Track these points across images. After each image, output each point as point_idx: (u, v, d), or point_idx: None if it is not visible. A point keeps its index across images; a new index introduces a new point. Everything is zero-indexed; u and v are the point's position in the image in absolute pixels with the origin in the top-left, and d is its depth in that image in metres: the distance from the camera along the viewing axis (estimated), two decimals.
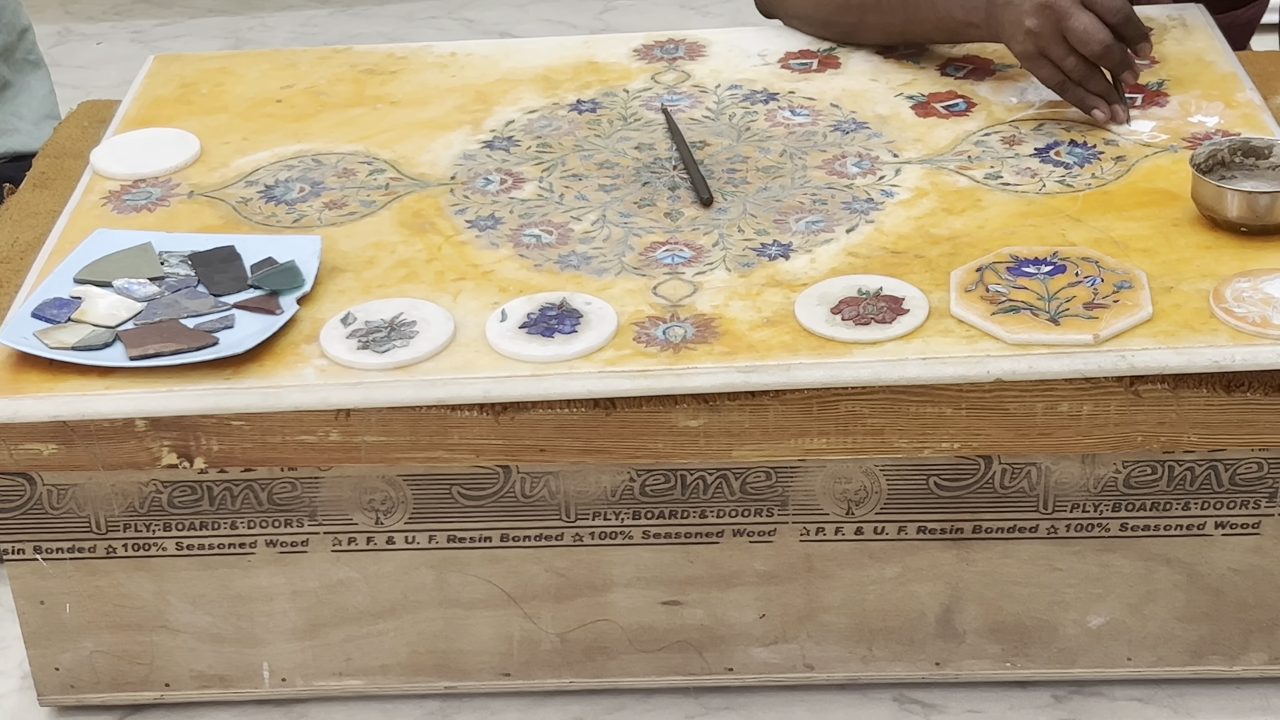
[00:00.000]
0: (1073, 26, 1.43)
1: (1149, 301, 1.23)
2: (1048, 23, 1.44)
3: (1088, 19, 1.43)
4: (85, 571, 1.29)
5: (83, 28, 3.72)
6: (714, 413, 1.21)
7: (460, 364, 1.23)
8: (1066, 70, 1.45)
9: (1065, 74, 1.45)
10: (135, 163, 1.49)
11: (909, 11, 1.56)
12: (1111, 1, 1.43)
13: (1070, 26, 1.43)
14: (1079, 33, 1.43)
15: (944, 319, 1.24)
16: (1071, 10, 1.43)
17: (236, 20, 3.70)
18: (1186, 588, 1.28)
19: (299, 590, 1.30)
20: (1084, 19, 1.43)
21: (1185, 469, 1.24)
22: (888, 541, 1.27)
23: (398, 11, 3.71)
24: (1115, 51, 1.44)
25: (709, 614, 1.30)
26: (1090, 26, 1.43)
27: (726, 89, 1.58)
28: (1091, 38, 1.43)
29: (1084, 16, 1.43)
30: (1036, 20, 1.44)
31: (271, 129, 1.55)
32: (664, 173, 1.45)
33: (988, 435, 1.22)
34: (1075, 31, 1.43)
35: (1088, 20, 1.43)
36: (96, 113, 1.65)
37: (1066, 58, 1.44)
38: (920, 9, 1.55)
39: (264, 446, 1.23)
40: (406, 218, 1.41)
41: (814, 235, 1.35)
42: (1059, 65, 1.45)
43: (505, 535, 1.28)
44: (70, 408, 1.22)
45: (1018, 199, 1.38)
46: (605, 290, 1.29)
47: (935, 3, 1.53)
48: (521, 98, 1.58)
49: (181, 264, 1.34)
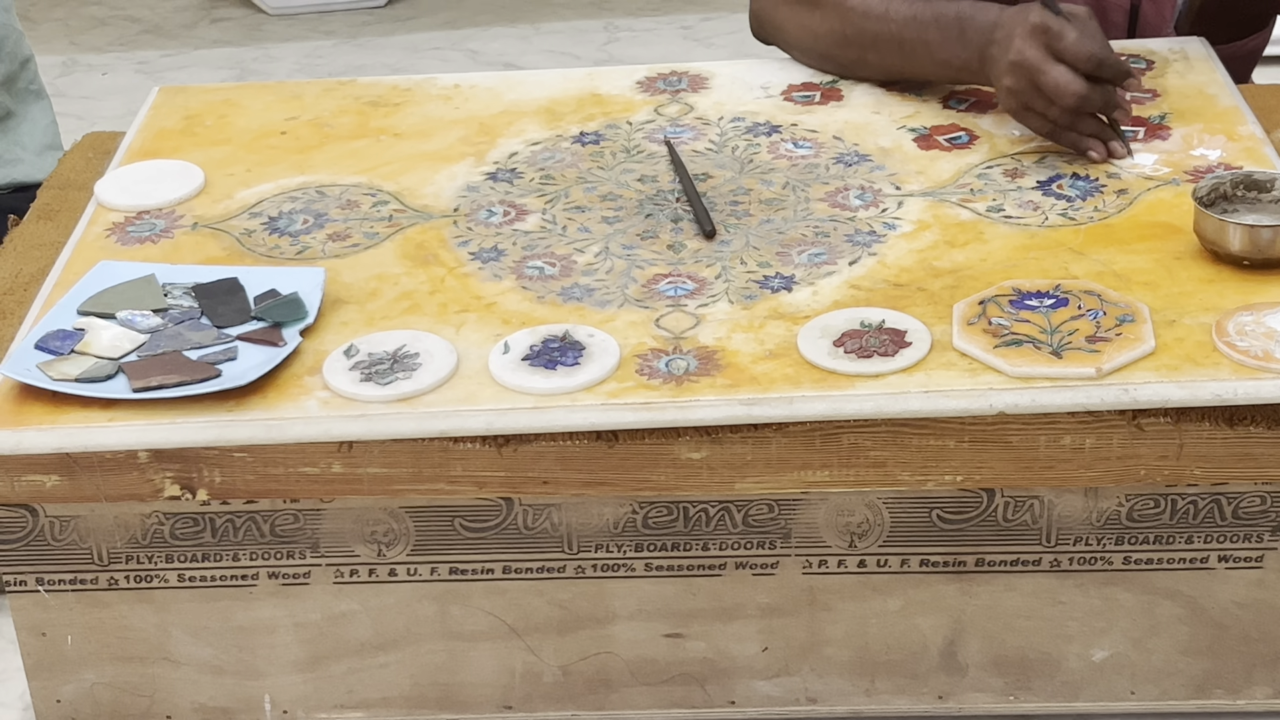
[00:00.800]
0: (1045, 83, 1.43)
1: (1151, 335, 1.23)
2: (1023, 80, 1.44)
3: (1059, 72, 1.42)
4: (87, 603, 1.29)
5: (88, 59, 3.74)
6: (716, 445, 1.21)
7: (463, 396, 1.23)
8: (1053, 119, 1.45)
9: (1053, 123, 1.45)
10: (139, 194, 1.50)
11: (906, 55, 1.56)
12: (1081, 49, 1.43)
13: (1043, 83, 1.43)
14: (1052, 89, 1.43)
15: (946, 352, 1.24)
16: (1043, 65, 1.43)
17: (241, 51, 3.72)
18: (1190, 621, 1.28)
19: (301, 622, 1.30)
20: (1055, 73, 1.42)
21: (1188, 502, 1.24)
22: (890, 574, 1.27)
23: (402, 43, 3.73)
24: (1095, 97, 1.44)
25: (711, 646, 1.30)
26: (1062, 80, 1.42)
27: (729, 121, 1.58)
28: (1065, 91, 1.42)
29: (1056, 70, 1.42)
30: (1011, 79, 1.45)
31: (275, 161, 1.55)
32: (667, 205, 1.46)
33: (990, 468, 1.22)
34: (1048, 87, 1.43)
35: (1059, 74, 1.42)
36: (101, 144, 1.66)
37: (1049, 109, 1.45)
38: (916, 53, 1.55)
39: (266, 478, 1.23)
40: (410, 249, 1.41)
41: (816, 268, 1.35)
42: (1044, 115, 1.45)
43: (507, 567, 1.28)
44: (73, 439, 1.22)
45: (1020, 232, 1.38)
46: (608, 322, 1.29)
47: (931, 48, 1.54)
48: (525, 130, 1.59)
49: (185, 296, 1.34)
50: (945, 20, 1.53)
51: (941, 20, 1.53)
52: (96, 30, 3.88)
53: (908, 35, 1.55)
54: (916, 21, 1.54)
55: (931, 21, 1.53)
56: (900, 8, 1.55)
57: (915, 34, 1.54)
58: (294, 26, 3.84)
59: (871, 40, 1.57)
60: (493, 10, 3.87)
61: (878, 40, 1.57)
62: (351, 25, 3.83)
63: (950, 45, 1.52)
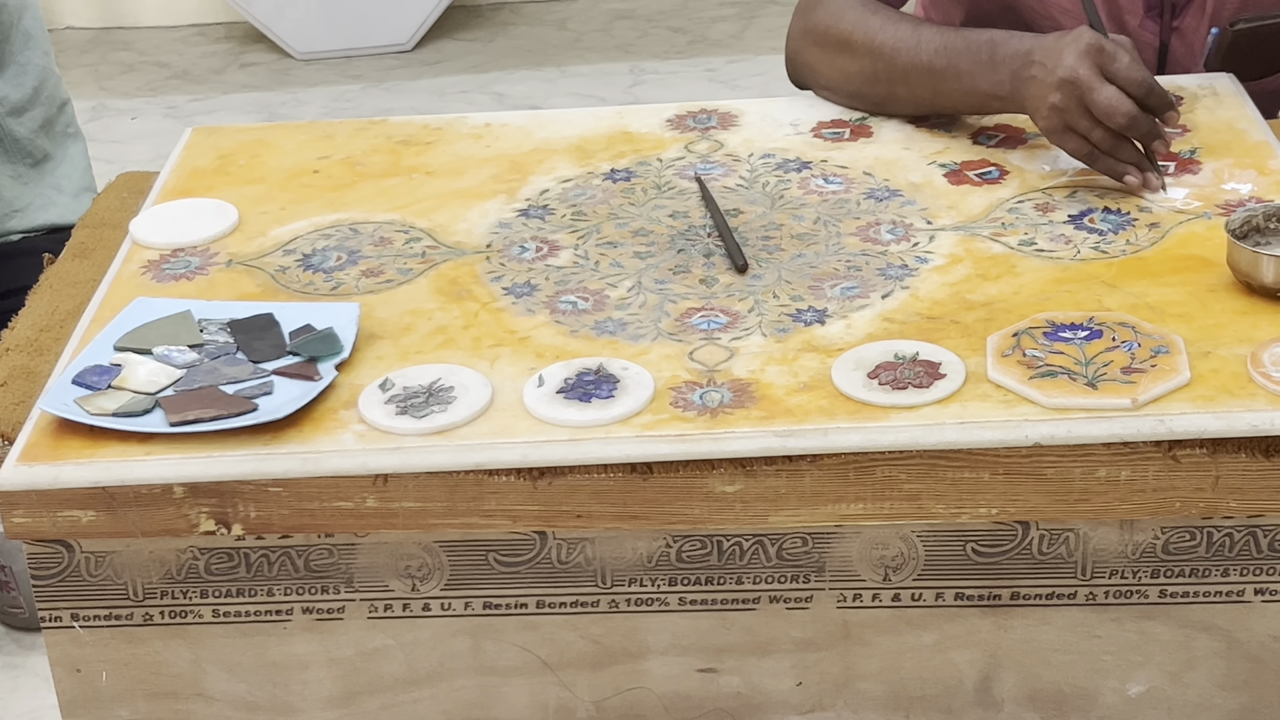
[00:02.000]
0: (1097, 101, 1.44)
1: (1187, 366, 1.23)
2: (1071, 98, 1.45)
3: (1111, 92, 1.43)
4: (122, 639, 1.29)
5: (117, 103, 3.77)
6: (751, 478, 1.21)
7: (498, 429, 1.23)
8: (1095, 142, 1.46)
9: (1094, 145, 1.46)
10: (174, 232, 1.51)
11: (936, 84, 1.57)
12: (1133, 74, 1.44)
13: (1094, 100, 1.44)
14: (1103, 106, 1.43)
15: (981, 384, 1.24)
16: (1094, 84, 1.44)
17: (269, 95, 3.74)
18: (1226, 655, 1.27)
19: (335, 658, 1.30)
20: (1108, 92, 1.43)
21: (1224, 535, 1.23)
22: (925, 608, 1.27)
23: (429, 87, 3.75)
24: (1142, 122, 1.45)
25: (745, 681, 1.30)
26: (1114, 99, 1.43)
27: (759, 158, 1.59)
28: (1116, 110, 1.43)
29: (1107, 90, 1.43)
30: (1060, 96, 1.45)
31: (309, 199, 1.56)
32: (698, 240, 1.46)
33: (1025, 500, 1.22)
34: (1099, 105, 1.44)
35: (1111, 94, 1.43)
36: (135, 184, 1.67)
37: (1093, 130, 1.45)
38: (946, 81, 1.56)
39: (301, 513, 1.23)
40: (443, 285, 1.42)
41: (849, 301, 1.35)
42: (1086, 137, 1.46)
43: (541, 602, 1.27)
44: (110, 474, 1.22)
45: (1052, 265, 1.38)
46: (642, 355, 1.30)
47: (961, 76, 1.55)
48: (556, 167, 1.60)
49: (220, 331, 1.35)
50: (976, 46, 1.54)
51: (973, 46, 1.54)
52: (125, 75, 3.91)
53: (939, 64, 1.55)
54: (948, 50, 1.55)
55: (963, 49, 1.54)
56: (932, 37, 1.56)
57: (946, 62, 1.55)
58: (321, 71, 3.87)
59: (902, 74, 1.58)
60: (518, 54, 3.89)
61: (909, 72, 1.58)
62: (378, 69, 3.85)
63: (981, 71, 1.53)
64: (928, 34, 1.57)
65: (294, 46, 3.93)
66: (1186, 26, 1.70)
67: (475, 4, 4.15)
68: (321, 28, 3.91)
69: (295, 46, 3.92)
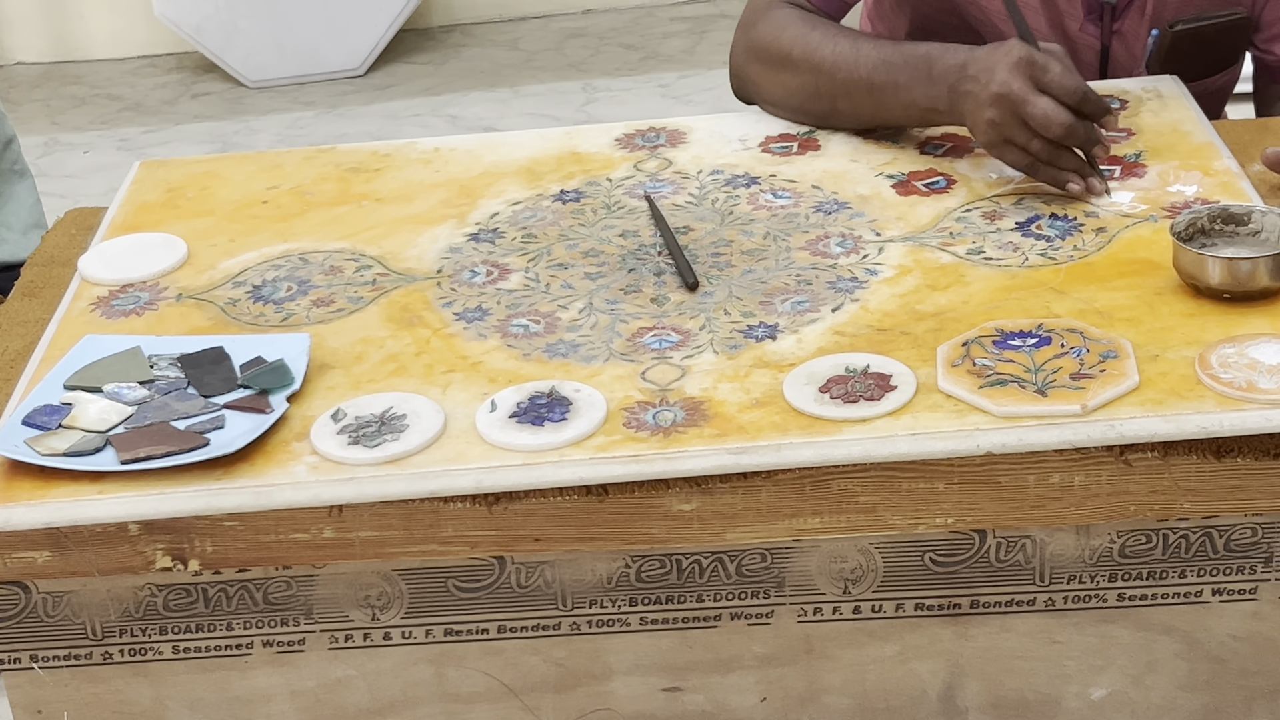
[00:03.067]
0: (1032, 113, 1.44)
1: (1135, 370, 1.24)
2: (1006, 112, 1.45)
3: (1045, 103, 1.44)
4: (83, 679, 1.29)
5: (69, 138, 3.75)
6: (707, 495, 1.22)
7: (451, 456, 1.23)
8: (1034, 153, 1.46)
9: (1033, 156, 1.46)
10: (123, 268, 1.50)
11: (876, 99, 1.58)
12: (1066, 83, 1.44)
13: (1029, 113, 1.44)
14: (1039, 118, 1.44)
15: (932, 394, 1.24)
16: (1028, 97, 1.44)
17: (222, 125, 3.73)
18: (1187, 656, 1.28)
19: (297, 690, 1.29)
20: (1042, 104, 1.44)
21: (1180, 537, 1.24)
22: (886, 620, 1.27)
23: (382, 111, 3.75)
24: (1079, 130, 1.45)
25: (710, 699, 1.30)
26: (1049, 110, 1.44)
27: (708, 174, 1.59)
28: (1052, 121, 1.44)
29: (1041, 101, 1.44)
30: (995, 111, 1.46)
31: (258, 230, 1.56)
32: (649, 259, 1.46)
33: (981, 509, 1.22)
34: (1035, 118, 1.44)
35: (1046, 105, 1.44)
36: (84, 220, 1.66)
37: (1031, 142, 1.46)
38: (886, 96, 1.57)
39: (258, 546, 1.23)
40: (394, 312, 1.41)
41: (800, 315, 1.36)
42: (1025, 149, 1.46)
43: (502, 626, 1.27)
44: (63, 514, 1.22)
45: (1001, 273, 1.39)
46: (594, 377, 1.30)
47: (900, 91, 1.55)
48: (505, 190, 1.60)
49: (171, 366, 1.34)
50: (914, 61, 1.54)
51: (910, 61, 1.55)
52: (77, 109, 3.90)
53: (878, 79, 1.56)
54: (886, 64, 1.56)
55: (901, 64, 1.55)
56: (870, 52, 1.57)
57: (885, 76, 1.56)
58: (274, 98, 3.86)
59: (843, 89, 1.59)
60: (471, 75, 3.90)
61: (849, 88, 1.58)
62: (331, 95, 3.85)
63: (919, 86, 1.53)
64: (866, 49, 1.58)
65: (245, 75, 3.92)
66: (1127, 29, 1.71)
67: (426, 27, 4.15)
68: (273, 56, 3.90)
69: (247, 75, 3.92)
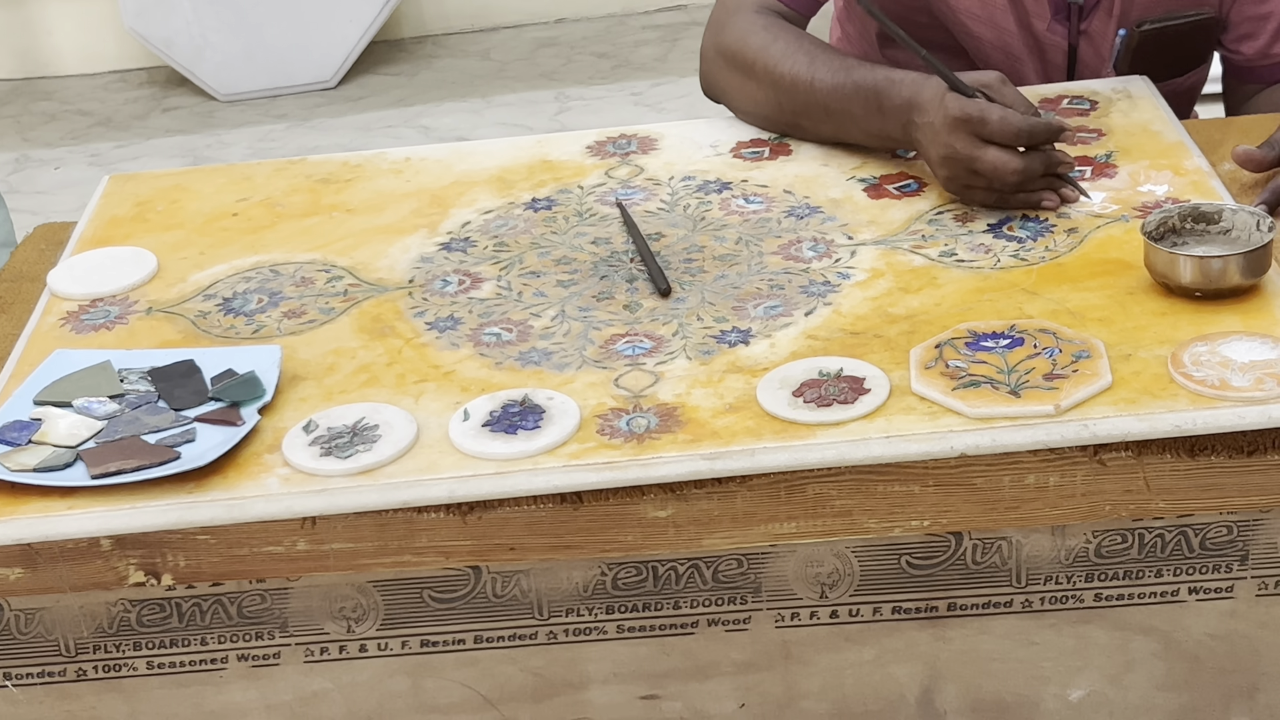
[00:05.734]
0: (982, 169, 1.44)
1: (1108, 370, 1.24)
2: (958, 170, 1.45)
3: (993, 155, 1.43)
4: (56, 696, 1.28)
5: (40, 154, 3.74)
6: (682, 502, 1.21)
7: (424, 465, 1.22)
8: (998, 190, 1.45)
9: (999, 192, 1.46)
10: (92, 282, 1.49)
11: (835, 124, 1.57)
12: (1007, 130, 1.43)
13: (980, 169, 1.44)
14: (990, 172, 1.43)
15: (905, 397, 1.24)
16: (974, 154, 1.43)
17: (193, 139, 3.72)
18: (1165, 656, 1.28)
19: (273, 704, 1.28)
20: (989, 157, 1.43)
21: (1155, 536, 1.24)
22: (863, 624, 1.27)
23: (354, 123, 3.74)
24: (1035, 167, 1.44)
25: (688, 706, 1.29)
26: (998, 161, 1.43)
27: (680, 180, 1.59)
28: (1004, 170, 1.43)
29: (989, 154, 1.43)
30: (947, 171, 1.46)
31: (228, 242, 1.55)
32: (621, 265, 1.46)
33: (956, 511, 1.22)
34: (986, 172, 1.44)
35: (994, 157, 1.43)
36: (53, 235, 1.65)
37: (991, 186, 1.45)
38: (844, 123, 1.56)
39: (231, 559, 1.22)
40: (366, 323, 1.41)
41: (773, 320, 1.35)
42: (989, 190, 1.46)
43: (479, 637, 1.27)
44: (34, 530, 1.21)
45: (973, 275, 1.39)
46: (567, 385, 1.29)
47: (856, 120, 1.55)
48: (477, 199, 1.59)
49: (141, 380, 1.33)
50: (865, 94, 1.53)
51: (862, 92, 1.53)
52: (48, 125, 3.88)
53: (834, 106, 1.56)
54: (839, 92, 1.55)
55: (853, 93, 1.54)
56: (824, 78, 1.56)
57: (840, 105, 1.55)
58: (246, 111, 3.85)
59: (804, 109, 1.59)
60: (443, 86, 3.89)
61: (809, 109, 1.58)
62: (303, 107, 3.84)
63: (872, 118, 1.53)
64: (821, 72, 1.56)
65: (216, 89, 3.91)
66: (1094, 29, 1.71)
67: (398, 38, 4.15)
68: (244, 69, 3.89)
69: (218, 89, 3.91)
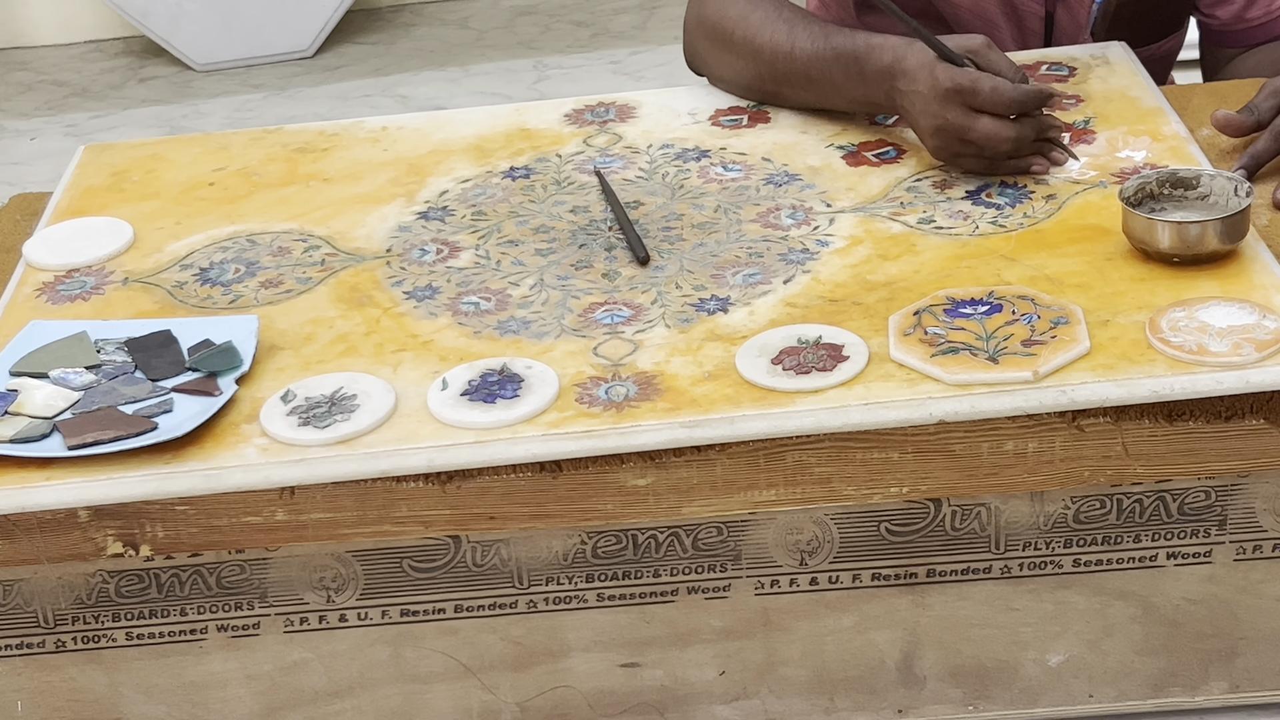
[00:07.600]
0: (975, 138, 1.43)
1: (1086, 336, 1.24)
2: (950, 139, 1.44)
3: (986, 124, 1.42)
4: (35, 667, 1.28)
5: (15, 124, 3.71)
6: (661, 470, 1.21)
7: (403, 435, 1.22)
8: (989, 157, 1.45)
9: (989, 159, 1.45)
10: (68, 253, 1.49)
11: (817, 92, 1.57)
12: (1000, 100, 1.42)
13: (973, 139, 1.43)
14: (983, 141, 1.43)
15: (884, 364, 1.24)
16: (966, 123, 1.42)
17: (170, 109, 3.70)
18: (1143, 620, 1.28)
19: (253, 674, 1.28)
20: (982, 125, 1.42)
21: (1133, 501, 1.24)
22: (843, 590, 1.27)
23: (332, 92, 3.72)
24: (1028, 133, 1.44)
25: (669, 674, 1.29)
26: (991, 130, 1.42)
27: (658, 148, 1.59)
28: (997, 139, 1.43)
29: (981, 123, 1.42)
30: (938, 140, 1.45)
31: (205, 212, 1.55)
32: (600, 234, 1.46)
33: (935, 478, 1.22)
34: (979, 142, 1.43)
35: (986, 125, 1.42)
36: (28, 205, 1.64)
37: (982, 153, 1.45)
38: (826, 91, 1.55)
39: (210, 530, 1.22)
40: (344, 292, 1.40)
41: (751, 288, 1.35)
42: (979, 157, 1.45)
43: (459, 606, 1.27)
44: (11, 501, 1.20)
45: (951, 242, 1.39)
46: (546, 353, 1.29)
47: (838, 88, 1.54)
48: (454, 168, 1.59)
49: (118, 351, 1.33)
50: (845, 59, 1.52)
51: (842, 58, 1.52)
52: (23, 96, 3.85)
53: (814, 73, 1.55)
54: (820, 60, 1.54)
55: (833, 59, 1.53)
56: (804, 46, 1.55)
57: (821, 72, 1.54)
58: (223, 81, 3.83)
59: (784, 78, 1.58)
60: (421, 55, 3.87)
61: (790, 78, 1.57)
62: (280, 77, 3.82)
63: (854, 84, 1.52)
64: (801, 40, 1.55)
65: (193, 58, 3.88)
66: None
67: (375, 6, 4.13)
68: (220, 38, 3.86)
69: (195, 58, 3.88)
